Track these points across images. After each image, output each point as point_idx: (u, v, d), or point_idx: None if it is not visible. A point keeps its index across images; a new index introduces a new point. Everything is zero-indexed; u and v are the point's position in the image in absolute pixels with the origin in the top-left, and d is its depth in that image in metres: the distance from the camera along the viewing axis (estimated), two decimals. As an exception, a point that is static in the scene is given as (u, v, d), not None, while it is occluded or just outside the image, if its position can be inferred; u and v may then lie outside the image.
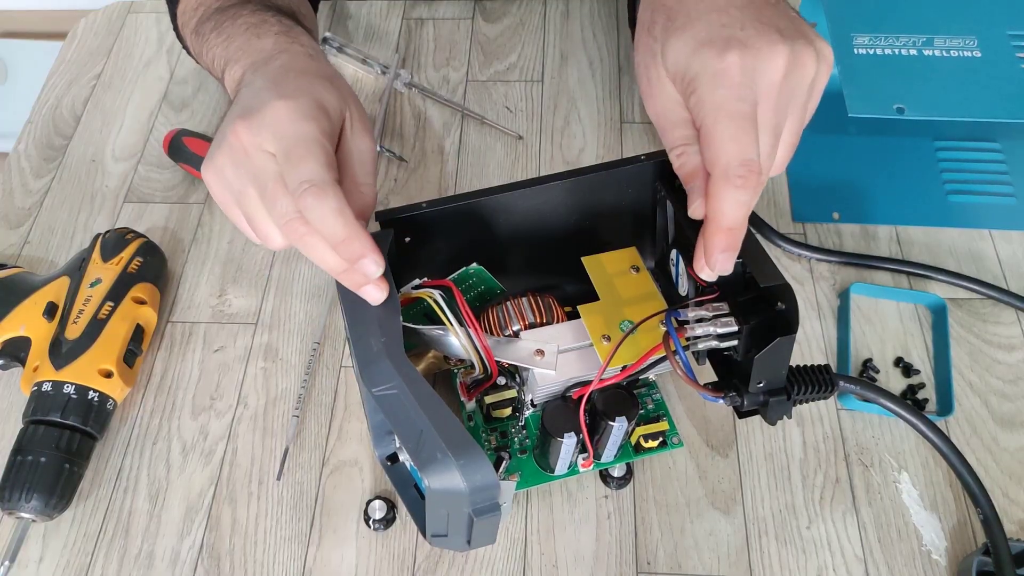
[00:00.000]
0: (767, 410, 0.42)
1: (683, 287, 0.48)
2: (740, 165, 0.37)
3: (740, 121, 0.37)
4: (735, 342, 0.41)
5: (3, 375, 0.57)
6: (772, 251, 0.60)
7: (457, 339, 0.45)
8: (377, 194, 0.43)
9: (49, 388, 0.51)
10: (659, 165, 0.48)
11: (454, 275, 0.47)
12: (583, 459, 0.48)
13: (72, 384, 0.51)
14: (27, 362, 0.53)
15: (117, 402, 0.53)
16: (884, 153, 0.65)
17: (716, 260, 0.39)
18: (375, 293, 0.40)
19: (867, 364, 0.55)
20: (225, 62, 0.49)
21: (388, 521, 0.50)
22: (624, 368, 0.44)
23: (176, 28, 0.61)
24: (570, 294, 0.49)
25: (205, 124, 0.70)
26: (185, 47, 0.61)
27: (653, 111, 0.42)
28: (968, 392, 0.54)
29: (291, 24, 0.50)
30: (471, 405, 0.50)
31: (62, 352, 0.52)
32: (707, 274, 0.41)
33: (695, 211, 0.40)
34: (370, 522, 0.50)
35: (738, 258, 0.41)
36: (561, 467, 0.48)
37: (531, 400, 0.48)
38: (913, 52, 0.60)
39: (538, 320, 0.47)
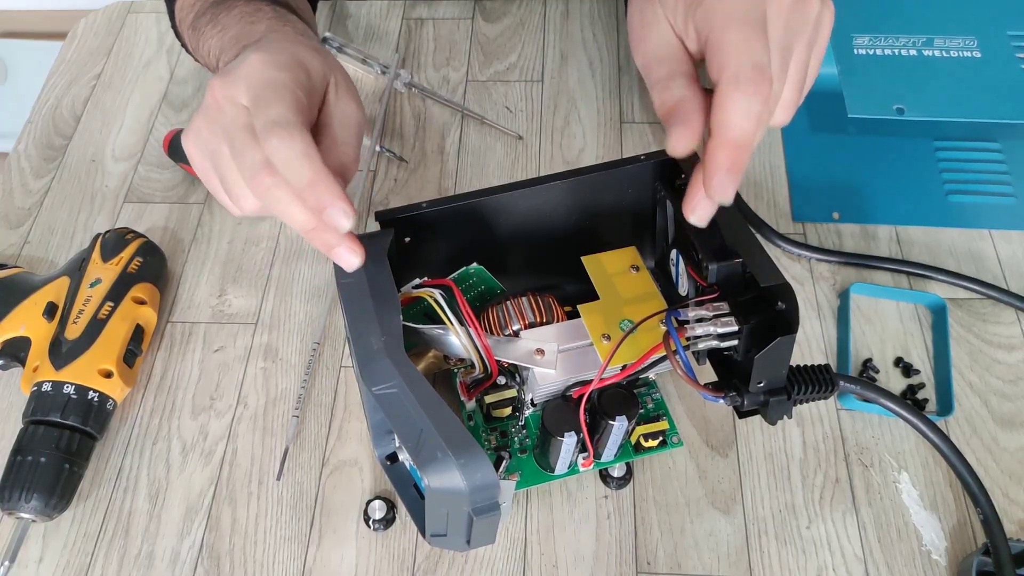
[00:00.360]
0: (767, 410, 0.42)
1: (683, 287, 0.48)
2: (752, 68, 0.34)
3: (751, 26, 0.35)
4: (735, 342, 0.41)
5: (3, 375, 0.57)
6: (772, 251, 0.59)
7: (457, 338, 0.45)
8: (358, 159, 0.41)
9: (49, 388, 0.51)
10: (659, 165, 0.48)
11: (454, 275, 0.47)
12: (583, 458, 0.48)
13: (72, 384, 0.51)
14: (27, 362, 0.53)
15: (117, 402, 0.53)
16: (884, 153, 0.65)
17: (717, 183, 0.35)
18: (347, 256, 0.38)
19: (867, 364, 0.55)
20: (220, 51, 0.49)
21: (388, 521, 0.50)
22: (624, 367, 0.44)
23: (174, 25, 0.61)
24: (570, 294, 0.49)
25: (205, 124, 0.70)
26: (183, 43, 0.61)
27: (642, 50, 0.40)
28: (968, 392, 0.54)
29: (285, 12, 0.50)
30: (471, 405, 0.50)
31: (62, 352, 0.52)
32: (702, 209, 0.37)
33: (677, 141, 0.36)
34: (370, 522, 0.50)
35: (738, 258, 0.42)
36: (561, 467, 0.48)
37: (531, 399, 0.48)
38: (913, 53, 0.60)
39: (538, 320, 0.47)
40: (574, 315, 0.47)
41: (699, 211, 0.38)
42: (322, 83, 0.42)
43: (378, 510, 0.49)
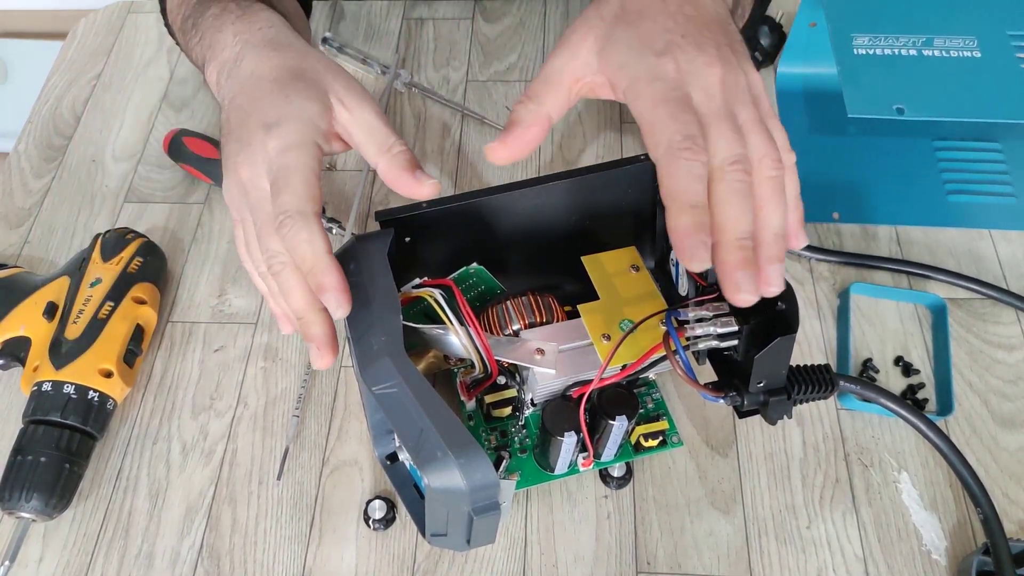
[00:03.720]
0: (767, 410, 0.42)
1: (683, 287, 0.48)
2: (683, 139, 0.37)
3: (676, 104, 0.38)
4: (735, 342, 0.41)
5: (3, 375, 0.57)
6: (772, 251, 0.59)
7: (457, 338, 0.45)
8: (411, 150, 0.44)
9: (49, 388, 0.51)
10: (659, 165, 0.47)
11: (454, 275, 0.47)
12: (583, 458, 0.48)
13: (72, 384, 0.51)
14: (27, 362, 0.53)
15: (117, 402, 0.53)
16: (884, 153, 0.65)
17: (689, 247, 0.36)
18: (318, 356, 0.42)
19: (867, 364, 0.55)
20: (202, 60, 0.49)
21: (388, 521, 0.50)
22: (624, 367, 0.44)
23: (168, 26, 0.61)
24: (570, 294, 0.49)
25: (205, 124, 0.70)
26: (179, 44, 0.60)
27: (552, 63, 0.42)
28: (968, 392, 0.54)
29: (248, 5, 0.48)
30: (471, 404, 0.50)
31: (62, 352, 0.52)
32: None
33: (496, 149, 0.41)
34: (370, 522, 0.50)
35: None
36: (561, 466, 0.48)
37: (531, 399, 0.48)
38: (913, 52, 0.60)
39: (538, 319, 0.47)
40: (574, 315, 0.47)
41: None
42: (326, 116, 0.43)
43: (378, 510, 0.49)
